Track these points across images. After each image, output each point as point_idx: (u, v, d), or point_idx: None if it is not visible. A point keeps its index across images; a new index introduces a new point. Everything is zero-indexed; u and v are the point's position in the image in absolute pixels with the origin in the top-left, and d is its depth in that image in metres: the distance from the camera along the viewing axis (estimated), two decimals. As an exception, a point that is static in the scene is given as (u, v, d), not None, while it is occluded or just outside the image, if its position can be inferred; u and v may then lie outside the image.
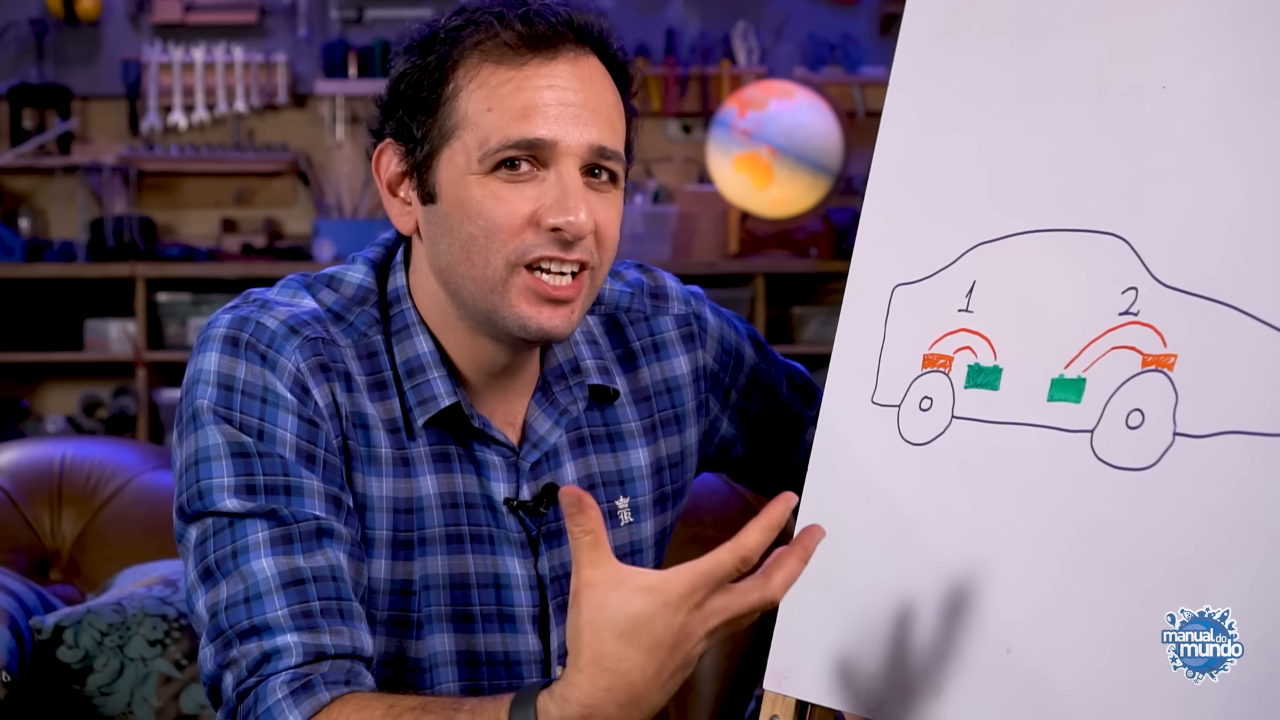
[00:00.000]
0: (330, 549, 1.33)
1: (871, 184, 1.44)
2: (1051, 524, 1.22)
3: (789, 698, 1.38)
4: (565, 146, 1.34)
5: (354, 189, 5.02)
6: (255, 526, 1.32)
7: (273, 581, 1.30)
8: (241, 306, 1.39)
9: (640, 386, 1.55)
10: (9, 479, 2.14)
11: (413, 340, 1.42)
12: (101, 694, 1.87)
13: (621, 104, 1.41)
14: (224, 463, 1.33)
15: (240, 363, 1.35)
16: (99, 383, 4.90)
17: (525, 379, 1.47)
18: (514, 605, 1.45)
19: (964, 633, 1.26)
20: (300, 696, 1.27)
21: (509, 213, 1.35)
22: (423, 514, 1.41)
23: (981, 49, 1.37)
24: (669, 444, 1.57)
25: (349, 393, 1.39)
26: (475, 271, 1.37)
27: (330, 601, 1.32)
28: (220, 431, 1.34)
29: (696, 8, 5.10)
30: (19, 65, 4.98)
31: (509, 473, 1.45)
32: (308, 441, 1.35)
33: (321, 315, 1.41)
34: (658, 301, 1.58)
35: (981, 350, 1.31)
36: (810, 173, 4.62)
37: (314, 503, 1.34)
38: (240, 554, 1.31)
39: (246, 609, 1.30)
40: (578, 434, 1.50)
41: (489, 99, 1.35)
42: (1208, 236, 1.18)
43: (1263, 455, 1.11)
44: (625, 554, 1.52)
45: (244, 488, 1.33)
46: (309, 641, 1.30)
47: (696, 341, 1.59)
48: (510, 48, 1.35)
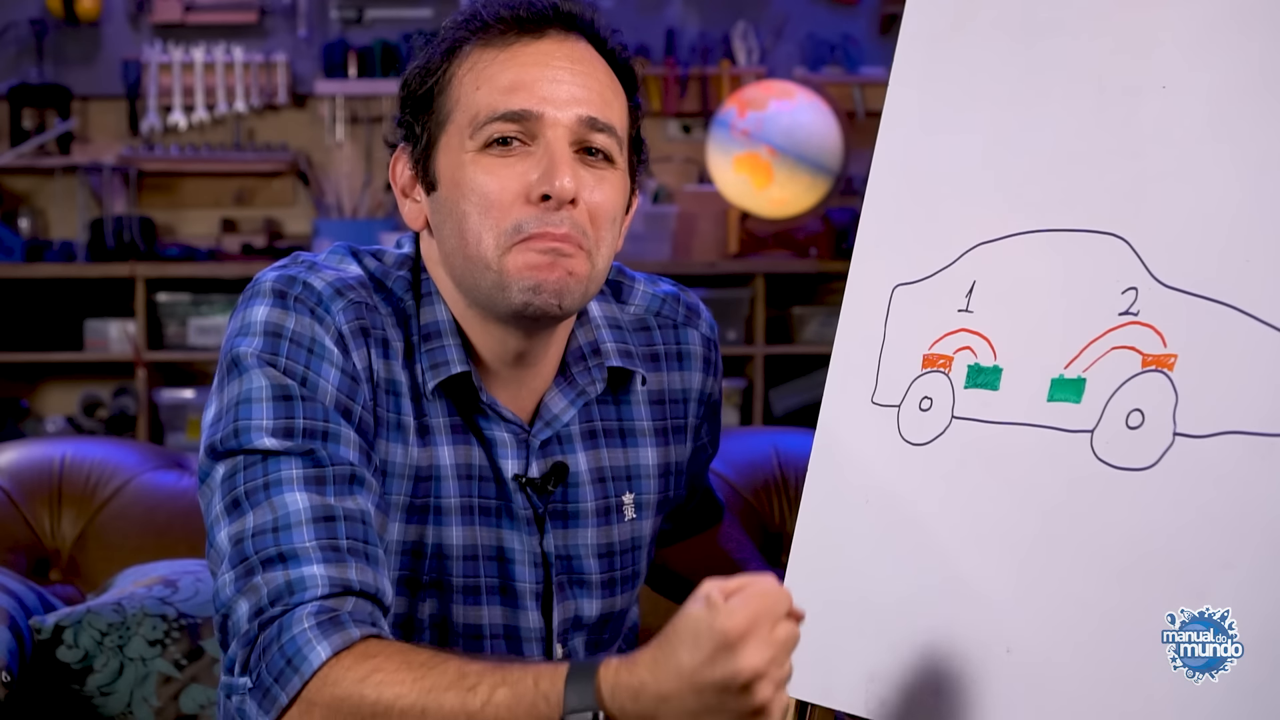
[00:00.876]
0: (360, 496, 1.34)
1: (871, 184, 1.44)
2: (1051, 524, 1.22)
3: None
4: (552, 118, 1.37)
5: (354, 189, 5.02)
6: (290, 464, 1.32)
7: (304, 515, 1.29)
8: (290, 266, 1.42)
9: (658, 389, 1.57)
10: (9, 479, 2.14)
11: (434, 307, 1.44)
12: (101, 694, 1.87)
13: (617, 87, 1.43)
14: (265, 405, 1.34)
15: (290, 314, 1.37)
16: (99, 383, 4.90)
17: (543, 370, 1.48)
18: (517, 580, 1.46)
19: (964, 632, 1.26)
20: (329, 629, 1.24)
21: (501, 187, 1.37)
22: (441, 483, 1.43)
23: (981, 49, 1.37)
24: (676, 451, 1.58)
25: (385, 359, 1.41)
26: (471, 250, 1.38)
27: (358, 543, 1.30)
28: (264, 375, 1.35)
29: (696, 8, 5.10)
30: (19, 65, 4.98)
31: (519, 449, 1.46)
32: (348, 396, 1.37)
33: (366, 281, 1.43)
34: (690, 314, 1.60)
35: (981, 350, 1.31)
36: (810, 173, 4.62)
37: (350, 451, 1.35)
38: (273, 486, 1.31)
39: (275, 537, 1.28)
40: (589, 426, 1.51)
41: (478, 79, 1.38)
42: (1208, 236, 1.18)
43: (1263, 455, 1.11)
44: (627, 549, 1.53)
45: (283, 430, 1.33)
46: (335, 575, 1.27)
47: (711, 368, 1.61)
48: (499, 32, 1.39)
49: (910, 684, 1.28)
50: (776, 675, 1.11)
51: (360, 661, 1.22)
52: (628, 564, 1.53)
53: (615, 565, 1.52)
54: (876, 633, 1.32)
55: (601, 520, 1.51)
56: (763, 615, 1.10)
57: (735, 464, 2.20)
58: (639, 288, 1.59)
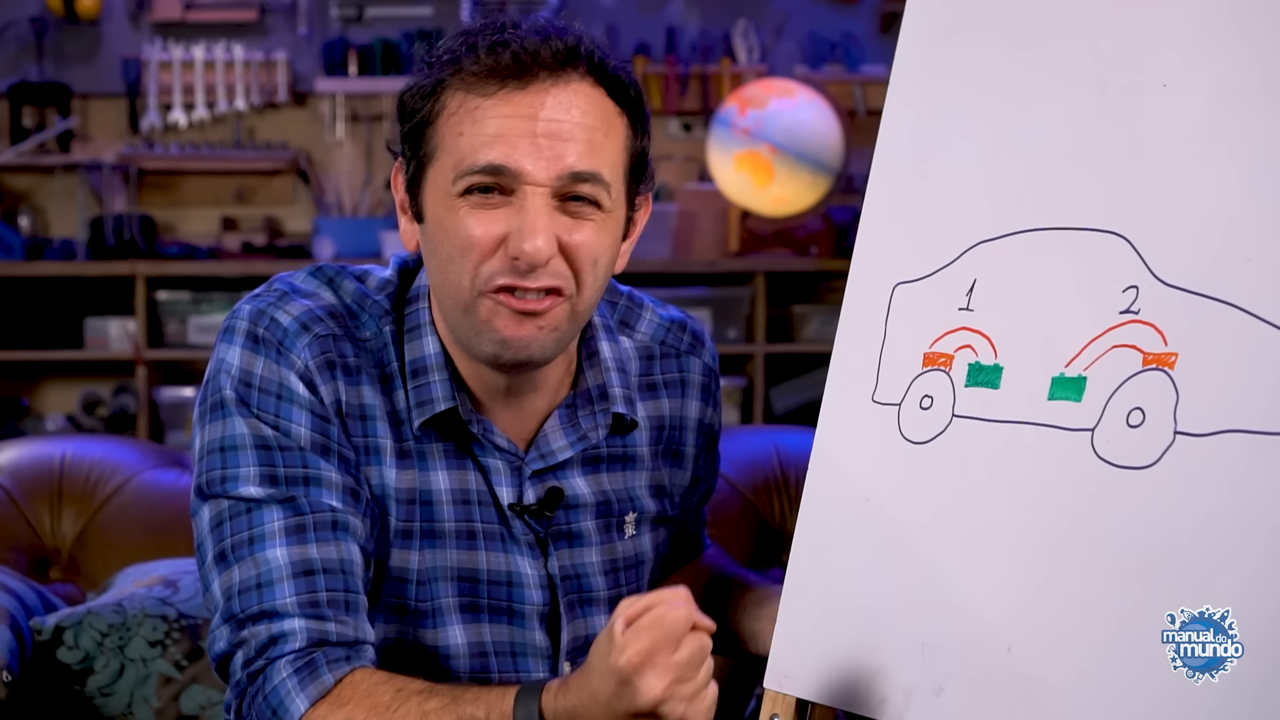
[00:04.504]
0: (343, 541, 1.38)
1: (872, 182, 1.44)
2: (1052, 522, 1.22)
3: (789, 696, 1.38)
4: (530, 175, 1.35)
5: (354, 187, 5.02)
6: (272, 514, 1.37)
7: (284, 570, 1.36)
8: (264, 296, 1.44)
9: (658, 414, 1.57)
10: (9, 478, 2.14)
11: (422, 340, 1.44)
12: (102, 695, 1.87)
13: (612, 118, 1.39)
14: (249, 453, 1.39)
15: (259, 359, 1.40)
16: (99, 381, 4.90)
17: (537, 401, 1.48)
18: (524, 603, 1.47)
19: (964, 631, 1.25)
20: (305, 678, 1.34)
21: (483, 234, 1.36)
22: (435, 507, 1.44)
23: (982, 48, 1.37)
24: (671, 474, 1.59)
25: (354, 386, 1.42)
26: (451, 290, 1.39)
27: (338, 593, 1.37)
28: (245, 423, 1.39)
29: (697, 6, 5.10)
30: (19, 63, 4.98)
31: (512, 477, 1.46)
32: (321, 435, 1.40)
33: (338, 310, 1.44)
34: (694, 343, 1.61)
35: (982, 349, 1.31)
36: (811, 171, 4.62)
37: (332, 494, 1.39)
38: (256, 541, 1.37)
39: (258, 594, 1.36)
40: (593, 453, 1.52)
41: (460, 124, 1.36)
42: (1208, 234, 1.18)
43: (1263, 454, 1.11)
44: (630, 564, 1.55)
45: (267, 477, 1.38)
46: (314, 627, 1.35)
47: (710, 398, 1.62)
48: (479, 78, 1.36)
49: (910, 683, 1.28)
50: (684, 692, 1.19)
51: (334, 710, 1.33)
52: (632, 579, 1.54)
53: (621, 581, 1.53)
54: (877, 631, 1.32)
55: (604, 538, 1.52)
56: (659, 643, 1.17)
57: (736, 463, 2.20)
58: (646, 315, 1.59)
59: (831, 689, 1.34)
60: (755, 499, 2.19)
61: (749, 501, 2.17)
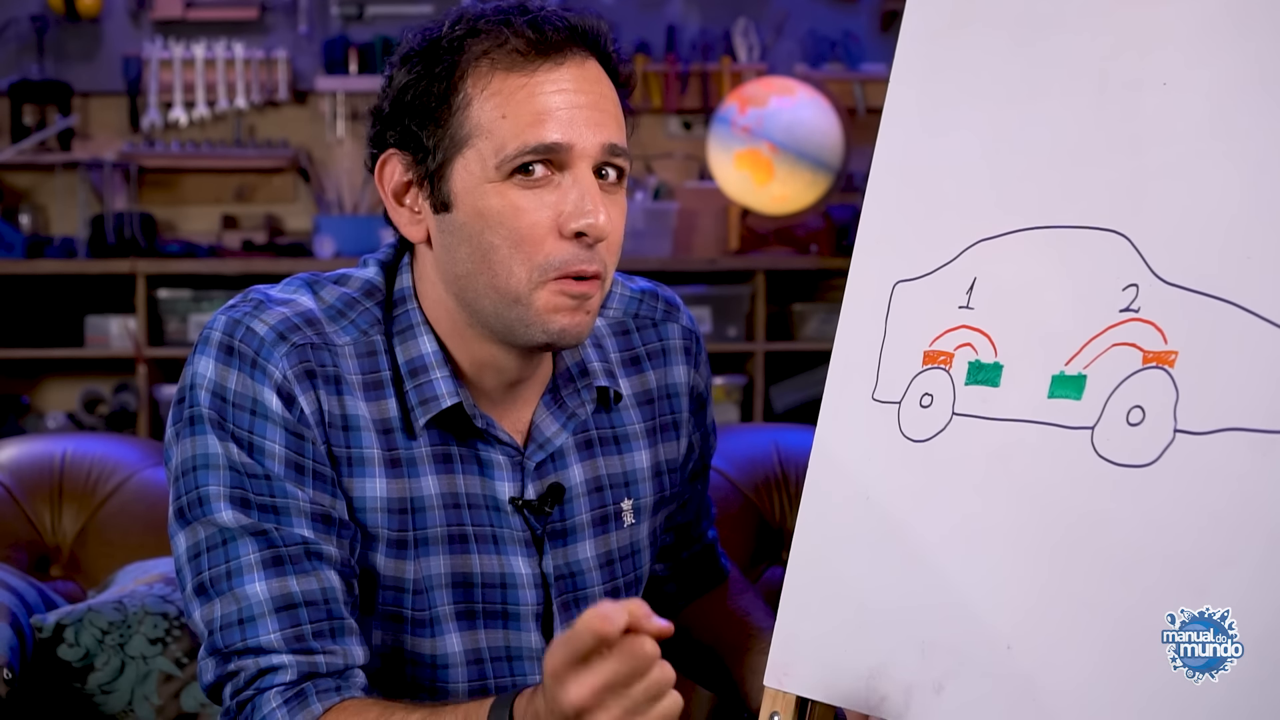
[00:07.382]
0: (321, 570, 1.37)
1: (872, 181, 1.44)
2: (1052, 521, 1.22)
3: (789, 694, 1.38)
4: (581, 149, 1.35)
5: (355, 185, 5.02)
6: (247, 547, 1.36)
7: (266, 606, 1.35)
8: (239, 306, 1.40)
9: (645, 389, 1.57)
10: (10, 475, 2.14)
11: (416, 340, 1.43)
12: (102, 692, 1.87)
13: (619, 102, 1.41)
14: (222, 473, 1.37)
15: (232, 372, 1.37)
16: (99, 379, 4.90)
17: (534, 385, 1.48)
18: (519, 604, 1.46)
19: (964, 630, 1.25)
20: (295, 708, 1.33)
21: (531, 223, 1.35)
22: (423, 514, 1.42)
23: (982, 45, 1.37)
24: (667, 449, 1.58)
25: (337, 396, 1.39)
26: (498, 281, 1.37)
27: (322, 623, 1.36)
28: (219, 442, 1.37)
29: (697, 5, 5.10)
30: (20, 61, 4.98)
31: (514, 472, 1.46)
32: (295, 453, 1.37)
33: (317, 316, 1.41)
34: (669, 309, 1.61)
35: (982, 347, 1.31)
36: (811, 169, 4.62)
37: (302, 523, 1.36)
38: (234, 575, 1.35)
39: (241, 630, 1.35)
40: (585, 436, 1.51)
41: (502, 106, 1.35)
42: (1208, 232, 1.18)
43: (1263, 452, 1.11)
44: (626, 554, 1.54)
45: (240, 500, 1.36)
46: (303, 661, 1.35)
47: (693, 359, 1.61)
48: (520, 55, 1.35)
49: (910, 681, 1.28)
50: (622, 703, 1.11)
51: None
52: (629, 570, 1.54)
53: (617, 573, 1.52)
54: (876, 629, 1.32)
55: (599, 530, 1.51)
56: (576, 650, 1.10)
57: (736, 461, 2.20)
58: (616, 290, 1.58)
59: (831, 687, 1.34)
60: (755, 497, 2.19)
61: (749, 500, 2.17)
